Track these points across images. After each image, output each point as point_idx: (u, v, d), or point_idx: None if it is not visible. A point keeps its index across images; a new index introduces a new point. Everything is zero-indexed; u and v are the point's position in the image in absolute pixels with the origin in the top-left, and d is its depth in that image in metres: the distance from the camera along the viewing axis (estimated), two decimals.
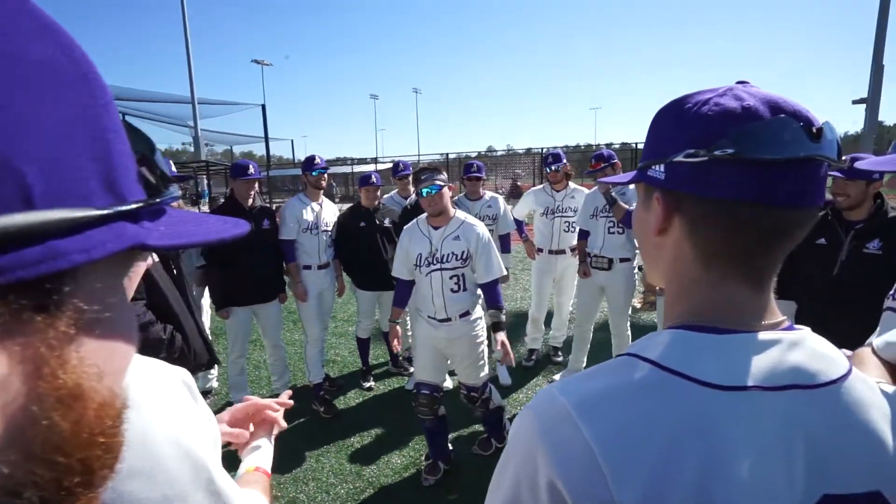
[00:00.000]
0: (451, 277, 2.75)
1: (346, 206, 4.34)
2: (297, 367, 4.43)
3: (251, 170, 3.51)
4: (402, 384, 4.21)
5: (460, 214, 2.85)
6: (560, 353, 4.58)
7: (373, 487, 2.90)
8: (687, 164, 0.53)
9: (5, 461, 0.22)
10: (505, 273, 2.95)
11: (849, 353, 1.05)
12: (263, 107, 23.28)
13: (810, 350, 0.54)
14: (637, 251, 3.93)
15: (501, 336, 2.71)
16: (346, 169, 29.58)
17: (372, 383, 4.21)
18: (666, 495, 0.46)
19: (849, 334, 1.25)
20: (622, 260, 3.78)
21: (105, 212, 0.25)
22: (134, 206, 0.27)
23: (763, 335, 0.53)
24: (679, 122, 0.56)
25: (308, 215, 3.71)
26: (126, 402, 0.30)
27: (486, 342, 2.91)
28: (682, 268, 0.58)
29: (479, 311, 2.87)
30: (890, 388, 0.78)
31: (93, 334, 0.26)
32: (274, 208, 4.34)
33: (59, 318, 0.23)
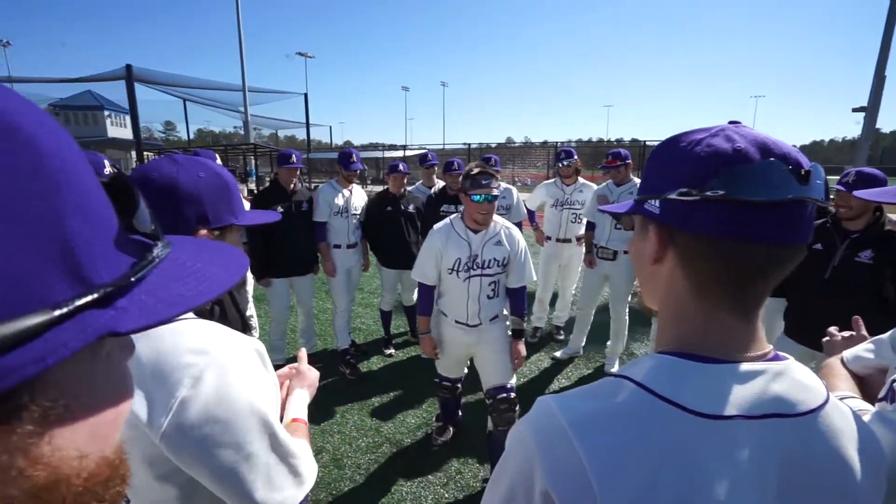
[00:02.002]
0: (489, 284, 2.40)
1: (374, 190, 4.32)
2: (327, 333, 4.51)
3: (293, 159, 3.54)
4: (419, 352, 4.25)
5: (497, 219, 2.45)
6: (562, 332, 4.56)
7: (389, 442, 2.96)
8: (680, 202, 0.50)
9: None
10: (535, 279, 2.60)
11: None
12: (306, 96, 23.19)
13: (792, 380, 0.51)
14: None
15: (521, 346, 2.43)
16: (378, 154, 29.52)
17: (392, 351, 4.26)
18: None
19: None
20: (626, 252, 3.74)
21: (62, 311, 0.21)
22: (100, 292, 0.23)
23: (748, 366, 0.50)
24: (673, 160, 0.53)
25: (339, 200, 3.72)
26: (122, 455, 0.27)
27: None
28: (675, 296, 0.55)
29: (505, 312, 2.54)
30: (864, 415, 0.74)
31: (67, 422, 0.23)
32: (313, 187, 4.38)
33: (20, 424, 0.20)
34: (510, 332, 2.49)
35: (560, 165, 4.24)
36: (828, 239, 2.29)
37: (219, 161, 2.77)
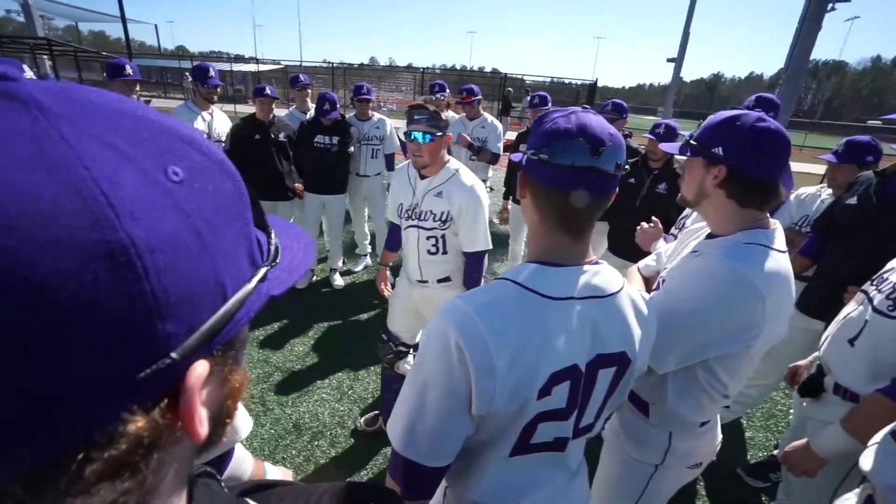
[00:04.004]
0: (427, 238, 2.13)
1: (224, 109, 3.92)
2: None
3: (129, 70, 2.98)
4: (295, 283, 4.27)
5: (454, 165, 2.09)
6: None
7: (280, 371, 3.07)
8: (531, 159, 0.77)
9: (213, 432, 0.32)
10: (491, 247, 2.17)
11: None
12: None
13: (603, 276, 0.82)
14: (489, 172, 4.48)
15: None
16: (224, 66, 25.27)
17: None
18: (519, 361, 0.72)
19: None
20: (483, 181, 4.25)
21: (253, 285, 0.32)
22: (264, 270, 0.34)
23: (579, 268, 0.80)
24: (536, 129, 0.78)
25: (200, 125, 3.32)
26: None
27: None
28: (533, 223, 0.83)
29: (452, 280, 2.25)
30: (645, 297, 1.15)
31: (239, 350, 0.35)
32: (144, 102, 3.79)
33: (232, 349, 0.33)
34: None
35: (434, 98, 4.39)
36: (638, 175, 2.97)
37: None
